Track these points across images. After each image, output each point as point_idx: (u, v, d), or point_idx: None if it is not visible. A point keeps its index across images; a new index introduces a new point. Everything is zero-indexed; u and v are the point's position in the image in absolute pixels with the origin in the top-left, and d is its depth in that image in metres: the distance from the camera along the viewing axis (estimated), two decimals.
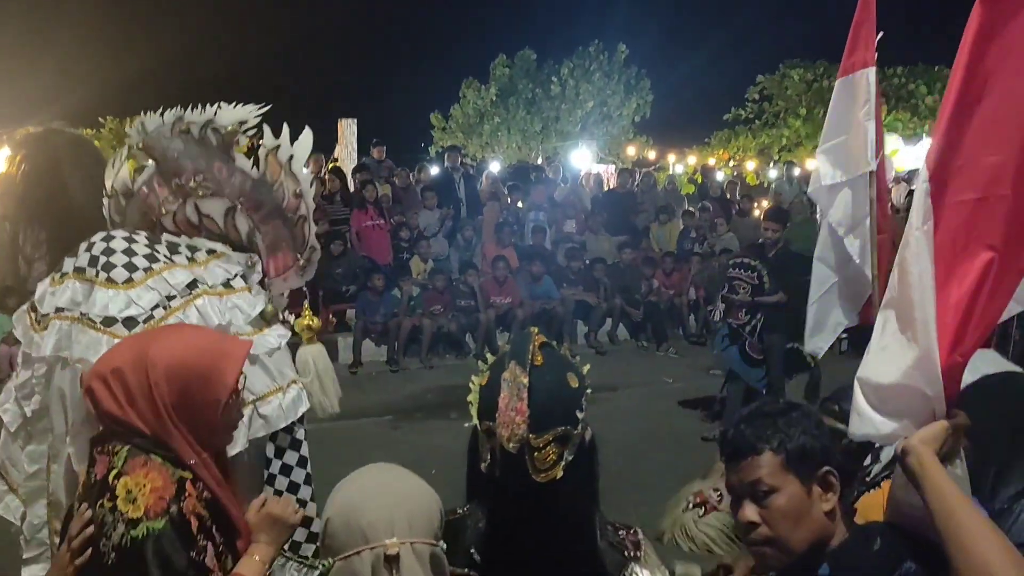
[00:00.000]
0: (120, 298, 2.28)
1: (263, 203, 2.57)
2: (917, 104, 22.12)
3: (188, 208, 2.58)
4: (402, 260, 10.63)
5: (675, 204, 13.61)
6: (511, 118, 23.89)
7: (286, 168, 2.55)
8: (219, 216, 2.58)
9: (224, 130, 2.50)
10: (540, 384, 1.46)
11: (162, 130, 2.52)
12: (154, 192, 2.57)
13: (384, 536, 1.35)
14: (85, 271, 2.33)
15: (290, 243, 2.64)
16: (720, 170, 20.55)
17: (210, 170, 2.54)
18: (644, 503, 5.04)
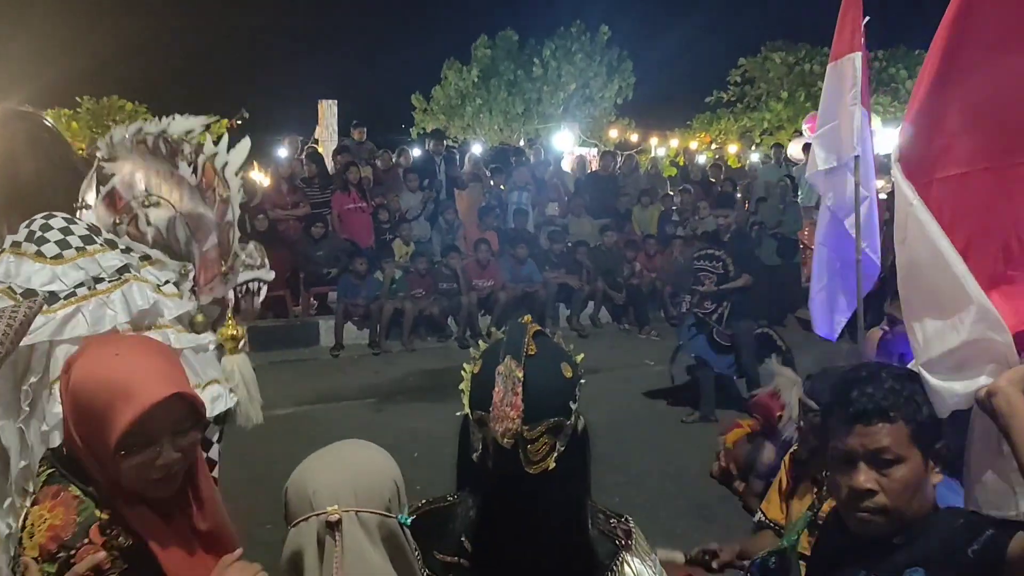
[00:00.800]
0: (44, 272, 2.27)
1: (200, 212, 2.61)
2: (898, 88, 22.24)
3: (140, 221, 2.62)
4: (384, 243, 10.57)
5: (657, 187, 13.63)
6: (493, 100, 23.77)
7: (219, 174, 2.56)
8: (163, 225, 2.62)
9: (173, 139, 2.55)
10: (533, 375, 1.44)
11: (125, 142, 2.57)
12: (112, 206, 2.61)
13: (327, 503, 1.36)
14: (20, 245, 2.32)
15: (217, 249, 2.64)
16: (702, 153, 20.60)
17: (159, 180, 2.60)
18: (626, 483, 5.07)
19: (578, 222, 11.81)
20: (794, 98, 23.45)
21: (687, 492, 5.23)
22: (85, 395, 1.55)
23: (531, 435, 1.42)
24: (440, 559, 1.52)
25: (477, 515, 1.52)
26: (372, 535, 1.37)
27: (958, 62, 1.88)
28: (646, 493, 5.05)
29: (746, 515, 3.14)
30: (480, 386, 1.47)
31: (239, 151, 2.60)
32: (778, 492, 2.89)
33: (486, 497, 1.51)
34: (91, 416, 1.54)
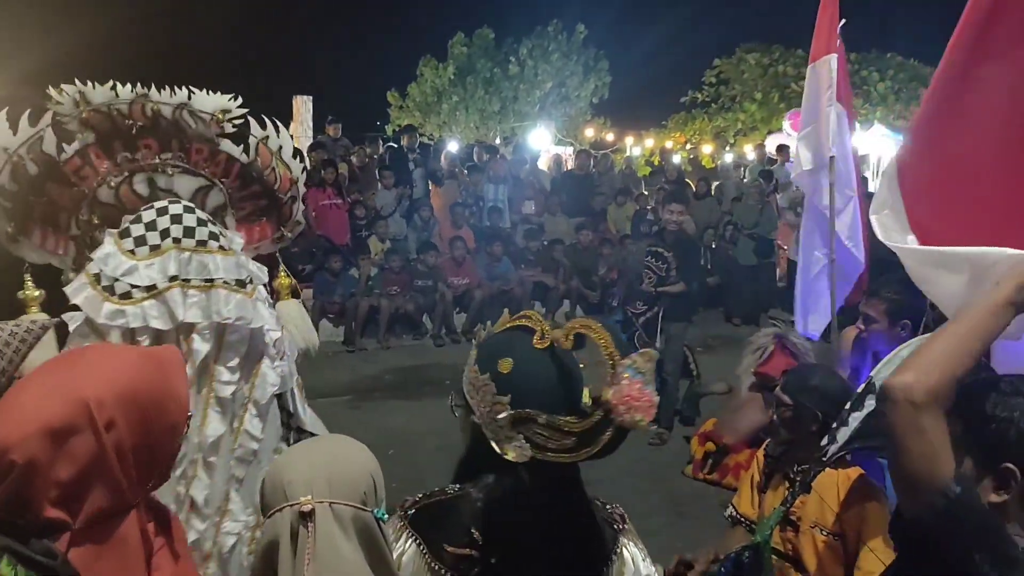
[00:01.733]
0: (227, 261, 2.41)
1: (250, 183, 2.72)
2: (869, 91, 22.48)
3: (137, 182, 2.56)
4: (360, 240, 10.53)
5: (632, 186, 13.70)
6: (469, 97, 23.71)
7: (277, 156, 2.73)
8: (186, 193, 2.60)
9: (208, 116, 2.57)
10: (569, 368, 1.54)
11: (115, 105, 2.49)
12: (90, 163, 2.53)
13: (301, 494, 1.37)
14: (181, 241, 2.36)
15: (274, 218, 2.82)
16: (677, 153, 20.71)
17: (182, 150, 2.59)
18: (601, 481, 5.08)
19: (554, 220, 11.84)
20: (768, 99, 23.62)
21: (660, 489, 5.27)
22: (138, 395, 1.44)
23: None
24: (451, 551, 1.52)
25: (493, 508, 1.54)
26: (346, 527, 1.38)
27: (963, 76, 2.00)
28: (620, 490, 5.07)
29: (719, 512, 3.16)
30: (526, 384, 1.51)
31: (285, 136, 2.78)
32: (749, 487, 2.91)
33: (500, 487, 1.53)
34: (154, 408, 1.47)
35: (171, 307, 2.26)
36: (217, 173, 2.65)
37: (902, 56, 22.97)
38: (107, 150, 2.54)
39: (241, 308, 2.32)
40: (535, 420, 1.48)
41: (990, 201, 1.98)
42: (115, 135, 2.53)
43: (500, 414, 1.49)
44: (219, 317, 2.29)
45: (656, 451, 5.81)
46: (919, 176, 2.18)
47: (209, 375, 2.34)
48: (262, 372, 2.44)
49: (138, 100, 2.50)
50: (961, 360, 1.58)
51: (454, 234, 10.61)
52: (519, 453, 1.49)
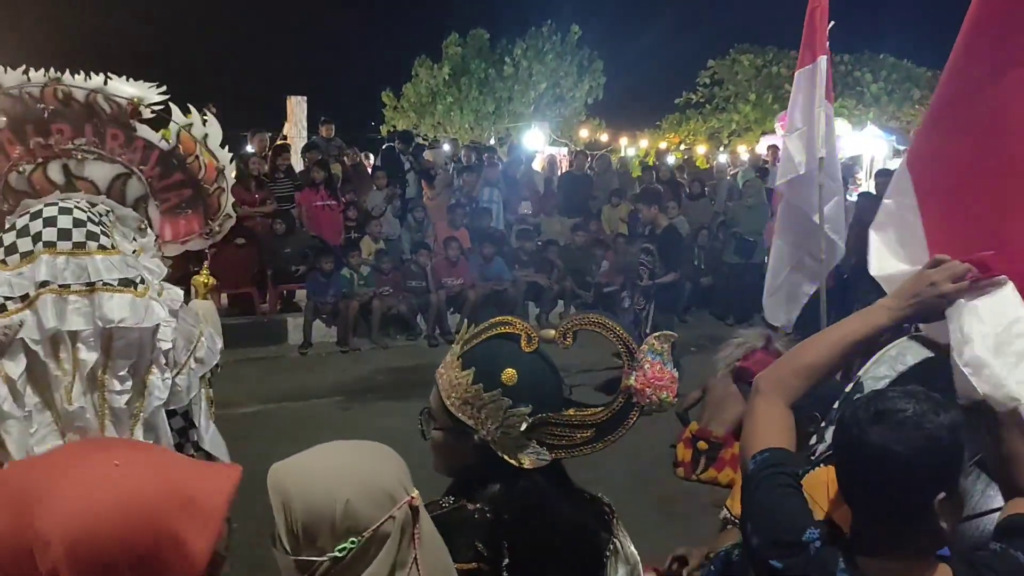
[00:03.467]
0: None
1: (172, 172, 2.58)
2: (863, 91, 22.55)
3: (52, 169, 2.44)
4: (352, 240, 10.52)
5: (626, 187, 13.71)
6: (464, 98, 23.71)
7: (202, 144, 2.59)
8: (102, 181, 2.49)
9: (123, 101, 2.45)
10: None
11: (26, 88, 2.39)
12: (1, 148, 2.43)
13: (404, 493, 1.36)
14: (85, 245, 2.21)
15: (201, 210, 2.68)
16: (671, 153, 20.74)
17: (96, 135, 2.46)
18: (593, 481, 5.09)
19: (549, 221, 11.84)
20: (762, 100, 23.68)
21: (652, 489, 5.28)
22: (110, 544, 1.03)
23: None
24: (458, 568, 1.46)
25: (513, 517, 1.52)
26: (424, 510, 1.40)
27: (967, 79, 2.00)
28: (612, 490, 5.05)
29: (711, 511, 3.17)
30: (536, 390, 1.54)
31: (213, 126, 2.63)
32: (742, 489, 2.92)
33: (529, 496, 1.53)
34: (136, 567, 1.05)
35: (40, 316, 2.07)
36: (135, 160, 2.50)
37: (895, 57, 23.05)
38: (19, 135, 2.42)
39: (128, 308, 2.14)
40: (548, 422, 1.51)
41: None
42: (26, 119, 2.41)
43: (520, 425, 1.49)
44: (104, 321, 2.11)
45: (649, 451, 5.82)
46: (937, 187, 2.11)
47: (99, 385, 2.17)
48: (150, 383, 2.25)
49: (51, 84, 2.39)
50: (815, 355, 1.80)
51: (448, 234, 10.61)
52: (535, 459, 1.51)
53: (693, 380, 6.48)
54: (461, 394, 1.56)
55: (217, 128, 2.65)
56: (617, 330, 1.57)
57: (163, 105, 2.53)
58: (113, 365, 2.17)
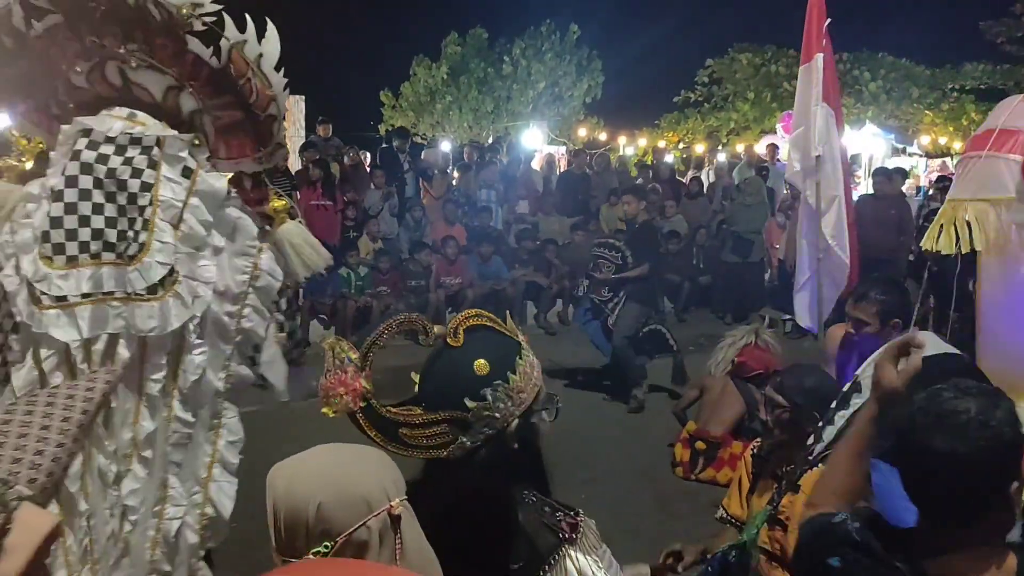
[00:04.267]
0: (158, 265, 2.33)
1: (222, 92, 2.47)
2: (861, 90, 22.53)
3: (109, 69, 2.42)
4: (350, 240, 10.51)
5: (625, 185, 13.69)
6: (462, 97, 23.68)
7: (254, 66, 2.41)
8: (156, 90, 2.45)
9: (173, 9, 2.32)
10: (436, 365, 1.61)
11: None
12: (57, 46, 2.39)
13: (383, 501, 1.34)
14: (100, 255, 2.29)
15: (252, 135, 2.56)
16: (670, 152, 20.72)
17: (147, 43, 2.38)
18: (592, 481, 5.10)
19: (548, 220, 11.83)
20: (760, 99, 23.66)
21: (652, 488, 5.28)
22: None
23: (412, 419, 1.56)
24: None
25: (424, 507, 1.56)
26: (412, 516, 1.39)
27: None
28: (611, 491, 5.08)
29: (710, 511, 3.17)
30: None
31: (271, 42, 2.44)
32: (738, 489, 2.92)
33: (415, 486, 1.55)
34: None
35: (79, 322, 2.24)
36: (184, 75, 2.43)
37: (893, 56, 23.04)
38: (75, 32, 2.37)
39: (158, 317, 2.29)
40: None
41: None
42: (81, 17, 2.36)
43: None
44: (135, 331, 2.28)
45: (648, 451, 5.83)
46: None
47: (137, 375, 2.34)
48: (186, 361, 2.40)
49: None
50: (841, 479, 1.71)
51: (446, 233, 10.60)
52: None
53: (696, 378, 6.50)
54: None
55: (274, 47, 2.45)
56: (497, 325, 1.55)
57: (216, 16, 2.37)
58: (150, 356, 2.34)
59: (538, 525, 1.56)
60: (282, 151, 2.66)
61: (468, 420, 1.52)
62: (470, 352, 1.56)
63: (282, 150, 2.65)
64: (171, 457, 2.42)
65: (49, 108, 2.52)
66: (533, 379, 1.61)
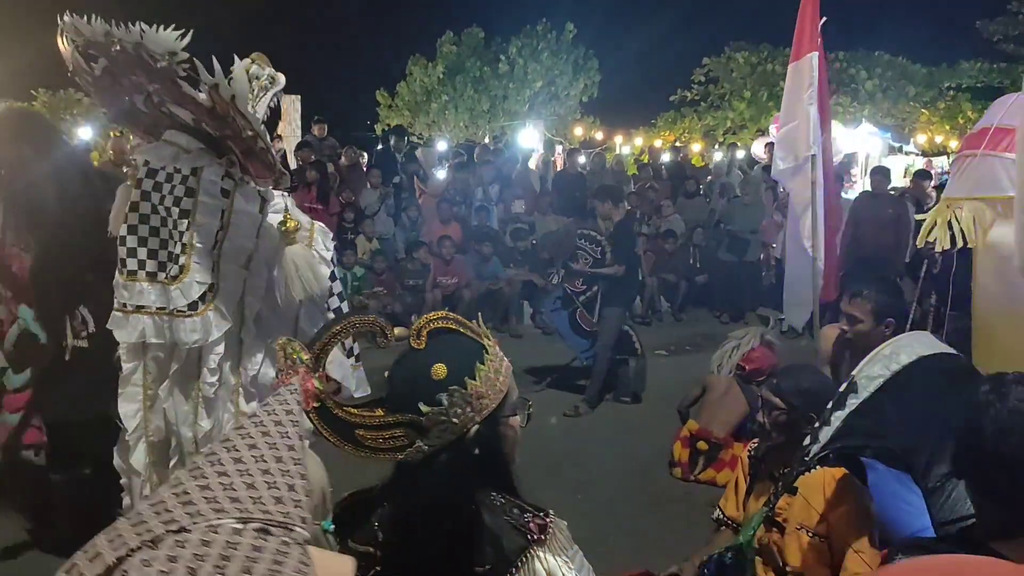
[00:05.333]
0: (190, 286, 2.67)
1: (224, 127, 2.64)
2: (857, 89, 22.55)
3: (157, 101, 2.70)
4: (346, 240, 10.49)
5: (622, 185, 13.68)
6: (458, 96, 23.68)
7: (232, 107, 2.50)
8: (187, 119, 2.73)
9: (161, 58, 2.42)
10: (400, 367, 1.58)
11: (96, 39, 2.49)
12: (117, 82, 2.70)
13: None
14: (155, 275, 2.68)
15: (259, 163, 2.77)
16: (666, 151, 20.72)
17: (162, 84, 2.57)
18: (587, 481, 5.08)
19: (544, 220, 11.81)
20: (757, 98, 23.68)
21: (648, 488, 5.26)
22: None
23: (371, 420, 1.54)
24: (353, 547, 1.54)
25: (389, 506, 1.57)
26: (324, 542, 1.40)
27: None
28: (607, 490, 5.06)
29: (706, 511, 3.16)
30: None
31: (239, 82, 2.52)
32: (735, 491, 2.91)
33: (394, 488, 1.57)
34: None
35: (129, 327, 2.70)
36: (191, 112, 2.68)
37: (889, 54, 23.06)
38: (120, 72, 2.65)
39: (200, 330, 2.66)
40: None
41: None
42: (114, 62, 2.59)
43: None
44: (180, 343, 2.67)
45: (643, 450, 5.81)
46: None
47: (194, 378, 2.75)
48: (246, 359, 2.76)
49: (106, 35, 2.47)
50: None
51: (442, 232, 10.58)
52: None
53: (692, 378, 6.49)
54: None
55: (243, 87, 2.55)
56: (463, 328, 1.54)
57: (189, 63, 2.47)
58: (205, 359, 2.73)
59: (505, 527, 1.53)
60: (285, 178, 2.94)
61: (423, 424, 1.51)
62: (431, 356, 1.54)
63: (285, 176, 2.93)
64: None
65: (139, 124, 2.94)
66: (497, 384, 1.57)
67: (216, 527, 0.86)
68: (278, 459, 0.99)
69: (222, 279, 2.71)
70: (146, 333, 2.67)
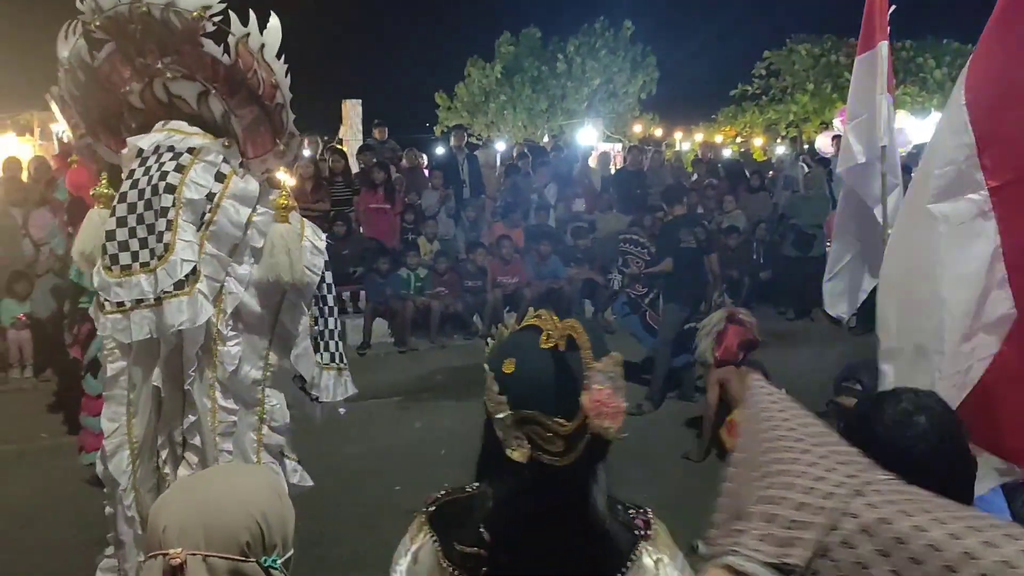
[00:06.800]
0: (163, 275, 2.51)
1: (237, 89, 2.63)
2: (926, 78, 21.92)
3: (156, 87, 2.66)
4: (408, 241, 10.61)
5: (683, 181, 13.55)
6: (517, 96, 23.74)
7: (258, 57, 2.55)
8: (191, 98, 2.65)
9: (189, 14, 2.50)
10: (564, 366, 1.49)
11: (119, 8, 2.54)
12: (116, 71, 2.66)
13: (173, 543, 1.30)
14: (112, 268, 2.53)
15: (268, 128, 2.71)
16: (728, 146, 20.45)
17: (178, 53, 2.59)
18: (650, 479, 5.06)
19: (605, 218, 11.76)
20: (820, 90, 23.20)
21: (711, 487, 5.19)
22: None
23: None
24: (460, 549, 1.52)
25: (500, 507, 1.52)
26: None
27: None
28: (670, 488, 5.03)
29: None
30: (526, 385, 1.47)
31: (272, 33, 2.58)
32: None
33: (516, 491, 1.51)
34: None
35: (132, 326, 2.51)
36: (208, 78, 2.63)
37: (958, 42, 22.35)
38: (126, 55, 2.63)
39: (186, 310, 2.48)
40: (536, 421, 1.45)
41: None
42: (126, 40, 2.60)
43: (500, 413, 1.47)
44: (171, 328, 2.49)
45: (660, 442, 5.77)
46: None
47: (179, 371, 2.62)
48: (221, 353, 2.59)
49: (134, 2, 2.52)
50: None
51: (502, 232, 10.63)
52: (521, 453, 1.47)
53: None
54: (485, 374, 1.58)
55: (275, 36, 2.60)
56: (584, 340, 1.50)
57: (223, 15, 2.55)
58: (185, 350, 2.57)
59: (615, 524, 1.55)
60: (296, 139, 2.80)
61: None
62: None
63: (296, 139, 2.79)
64: (221, 446, 2.62)
65: (119, 133, 2.80)
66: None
67: (881, 480, 1.23)
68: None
69: (205, 264, 2.56)
70: (152, 328, 2.50)
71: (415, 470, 5.34)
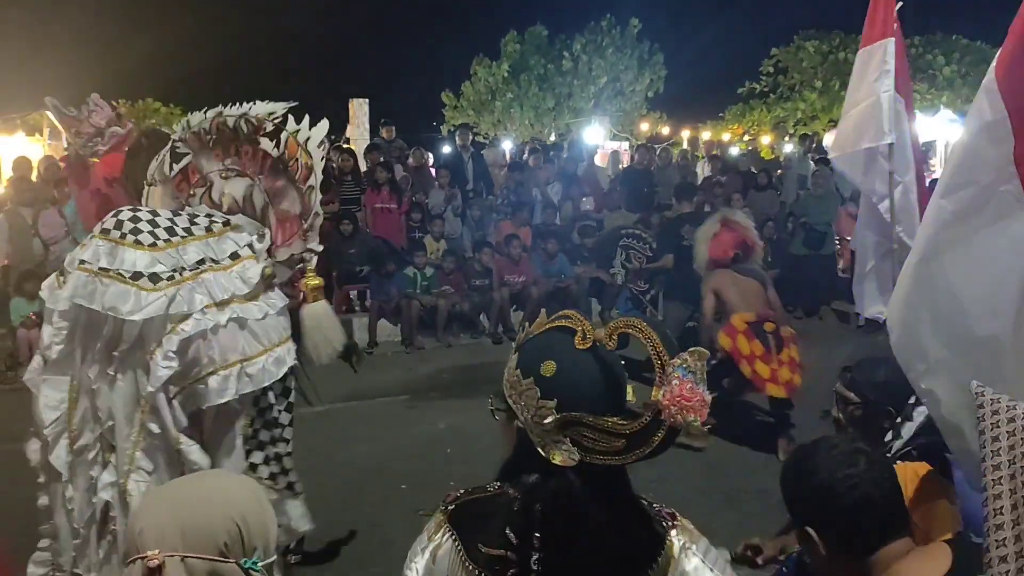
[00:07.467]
0: (145, 257, 2.61)
1: (279, 176, 3.01)
2: (935, 75, 21.82)
3: (214, 191, 3.05)
4: (415, 240, 10.61)
5: (690, 179, 13.50)
6: (523, 95, 23.74)
7: (302, 147, 3.00)
8: (239, 195, 3.02)
9: (256, 119, 2.97)
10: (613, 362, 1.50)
11: (203, 124, 3.00)
12: (187, 178, 3.06)
13: (151, 546, 1.30)
14: (110, 232, 2.63)
15: (299, 209, 3.05)
16: (735, 144, 20.40)
17: (237, 153, 3.02)
18: (659, 478, 5.04)
19: (612, 217, 11.73)
20: (828, 87, 23.11)
21: (721, 486, 5.19)
22: None
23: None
24: (486, 552, 1.51)
25: (539, 510, 1.49)
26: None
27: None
28: (680, 487, 5.01)
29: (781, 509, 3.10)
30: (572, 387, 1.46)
31: (320, 128, 3.08)
32: None
33: (556, 493, 1.48)
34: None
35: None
36: (256, 170, 3.02)
37: (968, 39, 22.24)
38: (197, 164, 3.07)
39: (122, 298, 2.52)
40: (582, 423, 1.44)
41: None
42: (201, 151, 3.05)
43: (547, 418, 1.45)
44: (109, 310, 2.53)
45: (716, 447, 5.73)
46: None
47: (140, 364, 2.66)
48: (151, 366, 2.59)
49: (216, 117, 2.99)
50: None
51: (509, 231, 10.62)
52: (566, 457, 1.45)
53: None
54: (508, 378, 1.55)
55: (321, 131, 3.08)
56: (652, 336, 1.48)
57: (283, 117, 3.03)
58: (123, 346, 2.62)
59: (647, 517, 1.57)
60: (319, 219, 3.10)
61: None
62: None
63: (319, 218, 3.10)
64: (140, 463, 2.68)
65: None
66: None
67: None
68: None
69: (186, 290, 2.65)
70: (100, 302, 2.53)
71: (421, 469, 5.34)
